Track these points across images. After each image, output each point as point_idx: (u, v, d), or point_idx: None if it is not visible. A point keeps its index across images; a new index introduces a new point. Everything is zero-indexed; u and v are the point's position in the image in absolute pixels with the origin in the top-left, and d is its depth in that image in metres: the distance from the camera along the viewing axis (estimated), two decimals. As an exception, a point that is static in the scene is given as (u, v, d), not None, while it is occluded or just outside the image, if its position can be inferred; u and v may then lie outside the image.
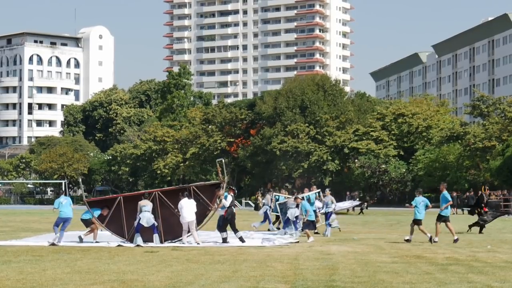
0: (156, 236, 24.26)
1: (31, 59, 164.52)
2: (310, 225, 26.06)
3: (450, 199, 25.71)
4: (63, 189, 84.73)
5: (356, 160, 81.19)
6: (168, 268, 17.04)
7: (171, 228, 24.89)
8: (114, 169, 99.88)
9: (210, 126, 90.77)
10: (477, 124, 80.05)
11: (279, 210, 30.44)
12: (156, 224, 24.31)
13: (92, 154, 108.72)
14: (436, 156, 75.08)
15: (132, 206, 24.69)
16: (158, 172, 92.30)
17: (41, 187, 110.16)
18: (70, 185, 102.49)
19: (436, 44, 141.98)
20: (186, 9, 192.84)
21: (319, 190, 32.76)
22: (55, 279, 14.96)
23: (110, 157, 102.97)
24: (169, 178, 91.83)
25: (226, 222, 24.55)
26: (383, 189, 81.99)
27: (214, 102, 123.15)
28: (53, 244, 23.46)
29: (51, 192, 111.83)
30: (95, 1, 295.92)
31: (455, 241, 24.72)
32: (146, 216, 23.97)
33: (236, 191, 26.09)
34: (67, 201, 24.97)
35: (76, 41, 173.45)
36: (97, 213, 25.13)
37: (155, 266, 17.49)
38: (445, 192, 25.85)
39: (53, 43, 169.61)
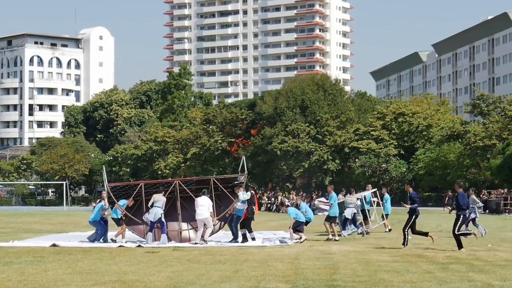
0: (164, 236, 24.30)
1: (31, 60, 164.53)
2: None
3: (332, 202, 25.98)
4: (64, 190, 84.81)
5: (356, 160, 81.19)
6: (169, 268, 17.07)
7: (191, 219, 25.44)
8: (115, 169, 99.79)
9: (210, 126, 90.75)
10: (478, 123, 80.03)
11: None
12: (164, 222, 24.39)
13: (93, 155, 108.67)
14: (436, 155, 75.08)
15: (153, 193, 25.14)
16: (159, 172, 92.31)
17: (42, 188, 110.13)
18: (71, 186, 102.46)
19: (436, 43, 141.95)
20: (186, 9, 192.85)
21: (375, 189, 32.59)
22: (56, 280, 15.01)
23: (111, 158, 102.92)
24: (170, 178, 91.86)
25: (249, 221, 24.86)
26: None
27: (215, 102, 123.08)
28: (54, 245, 23.53)
29: (52, 193, 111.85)
30: (95, 2, 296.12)
31: (329, 239, 25.49)
32: (154, 211, 24.09)
33: (256, 189, 26.58)
34: (96, 206, 26.72)
35: (77, 42, 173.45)
36: (123, 203, 25.21)
37: (156, 266, 17.53)
38: (333, 193, 26.20)
39: (53, 44, 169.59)
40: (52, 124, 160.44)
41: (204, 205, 24.09)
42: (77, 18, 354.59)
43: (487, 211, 54.80)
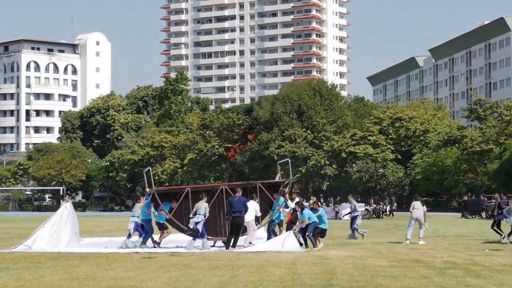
0: (192, 242, 24.31)
1: (28, 65, 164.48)
2: (321, 232, 25.64)
3: (278, 204, 25.68)
4: (63, 195, 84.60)
5: (353, 165, 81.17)
6: (166, 274, 17.04)
7: (215, 227, 25.60)
8: (112, 175, 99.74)
9: (207, 132, 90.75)
10: (474, 128, 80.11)
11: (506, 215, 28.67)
12: (199, 230, 24.30)
13: (90, 160, 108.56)
14: (433, 160, 75.12)
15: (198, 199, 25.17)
16: (156, 178, 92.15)
17: (39, 194, 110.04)
18: (68, 192, 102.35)
19: (433, 48, 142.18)
20: (183, 15, 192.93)
21: None
22: (53, 286, 14.98)
23: (108, 163, 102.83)
24: (167, 184, 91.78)
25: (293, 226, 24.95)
26: (381, 193, 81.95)
27: (212, 107, 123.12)
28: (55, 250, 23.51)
29: (49, 199, 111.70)
30: (92, 8, 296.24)
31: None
32: (195, 220, 24.10)
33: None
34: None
35: (73, 47, 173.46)
36: (166, 206, 25.25)
37: (153, 272, 17.50)
38: (281, 198, 25.97)
39: (50, 50, 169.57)
40: (49, 130, 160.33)
41: (250, 209, 24.38)
42: (74, 23, 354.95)
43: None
